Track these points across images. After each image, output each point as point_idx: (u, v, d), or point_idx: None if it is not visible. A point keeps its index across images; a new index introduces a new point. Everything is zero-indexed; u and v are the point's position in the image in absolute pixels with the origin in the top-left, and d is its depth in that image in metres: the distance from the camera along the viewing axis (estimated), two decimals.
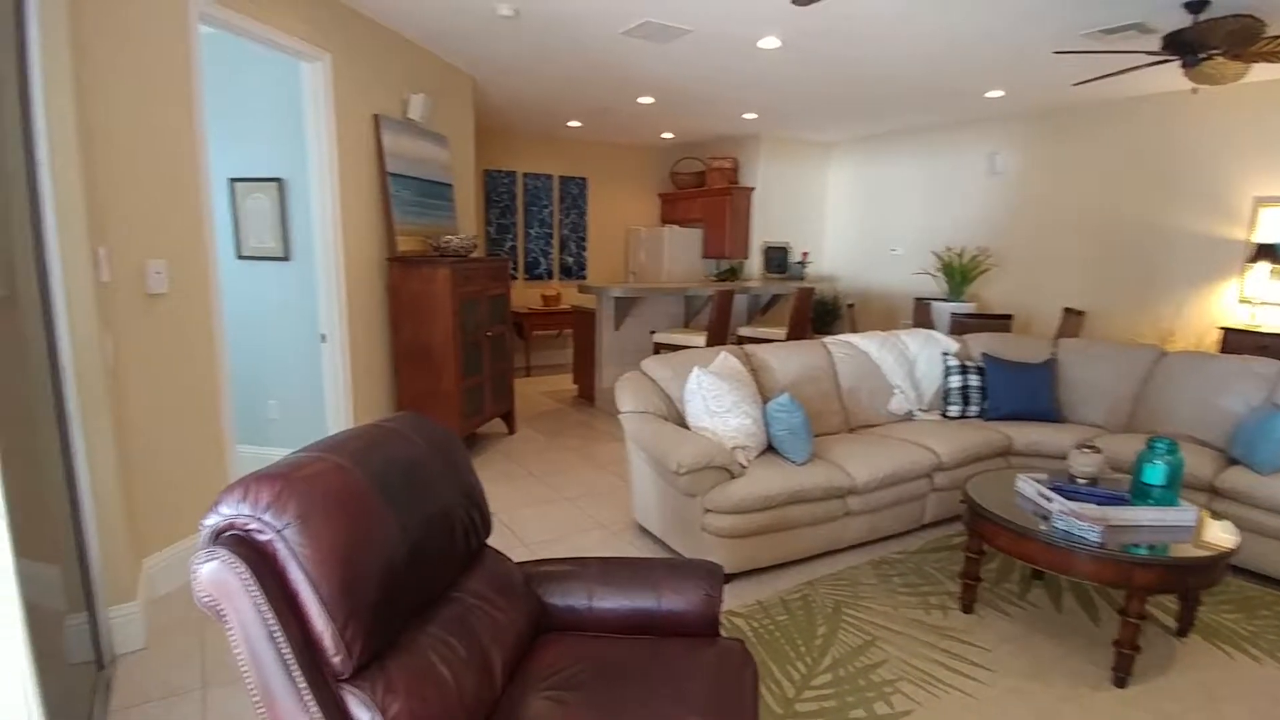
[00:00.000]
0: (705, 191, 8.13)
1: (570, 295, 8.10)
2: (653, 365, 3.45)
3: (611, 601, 1.80)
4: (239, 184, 3.92)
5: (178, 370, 2.84)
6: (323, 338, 3.85)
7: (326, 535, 1.21)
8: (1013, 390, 3.91)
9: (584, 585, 1.82)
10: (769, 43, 4.40)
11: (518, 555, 2.92)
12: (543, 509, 3.79)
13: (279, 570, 1.15)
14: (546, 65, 5.04)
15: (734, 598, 2.84)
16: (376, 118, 4.12)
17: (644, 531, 3.46)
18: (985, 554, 2.73)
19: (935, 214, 7.21)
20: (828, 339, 4.05)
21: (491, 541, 1.86)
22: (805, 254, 8.19)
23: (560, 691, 1.51)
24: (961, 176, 6.94)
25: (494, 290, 4.77)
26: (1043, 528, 2.40)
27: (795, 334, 5.96)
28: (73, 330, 2.19)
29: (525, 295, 8.01)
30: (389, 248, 4.27)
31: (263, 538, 1.15)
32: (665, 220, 8.87)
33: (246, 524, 1.16)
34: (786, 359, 3.70)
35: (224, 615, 1.13)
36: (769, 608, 2.77)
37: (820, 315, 7.98)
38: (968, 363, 4.05)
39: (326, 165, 3.67)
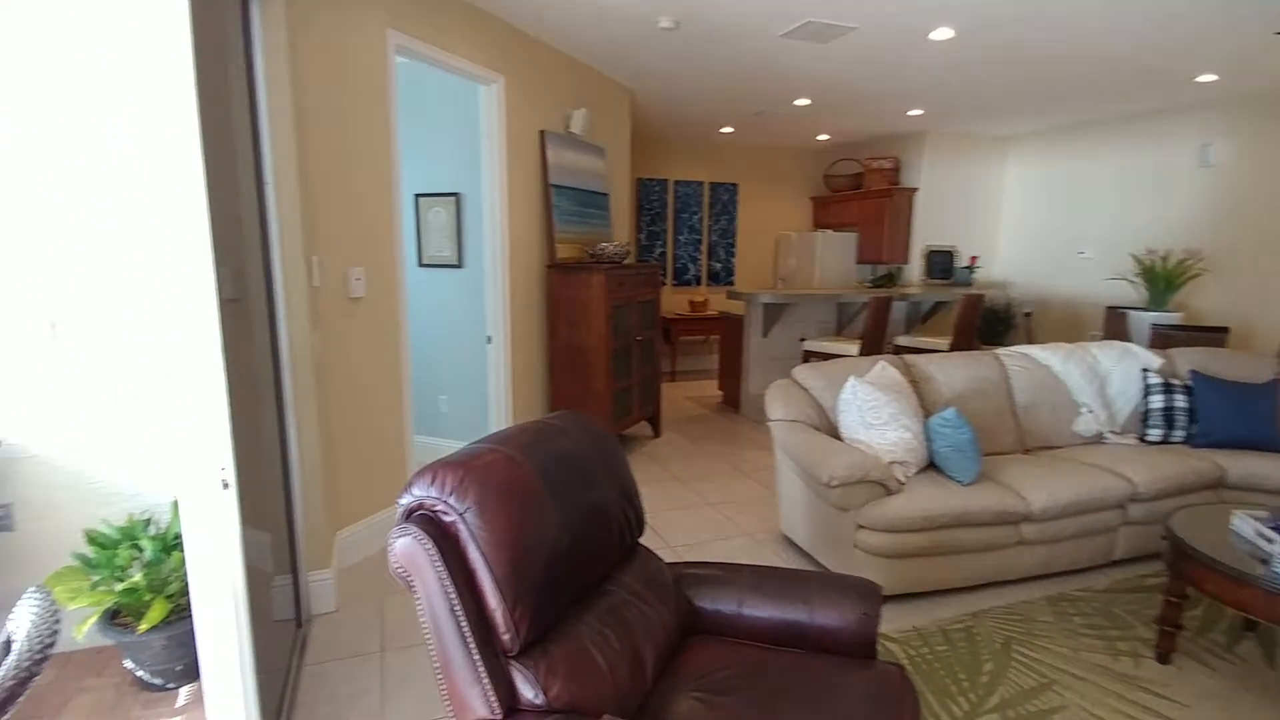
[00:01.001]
0: (862, 194, 7.82)
1: (717, 301, 8.11)
2: (804, 373, 3.36)
3: (762, 610, 1.78)
4: (422, 199, 4.32)
5: (370, 366, 3.18)
6: (488, 339, 4.15)
7: (500, 520, 1.31)
8: (1228, 414, 3.39)
9: (734, 591, 1.81)
10: (942, 34, 4.15)
11: (662, 557, 2.96)
12: (686, 513, 3.82)
13: (460, 549, 1.26)
14: (702, 73, 5.09)
15: (888, 621, 2.70)
16: (542, 133, 4.38)
17: (790, 543, 3.39)
18: (1189, 598, 2.39)
19: (1133, 212, 6.43)
20: (1001, 350, 3.74)
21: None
22: (974, 258, 7.62)
23: (709, 694, 1.52)
24: (1166, 170, 6.14)
25: (645, 296, 4.89)
26: (1261, 572, 2.06)
27: (960, 344, 5.56)
28: (290, 328, 2.52)
29: (673, 301, 8.12)
30: (549, 255, 4.51)
31: (447, 519, 1.26)
32: (817, 224, 8.64)
33: (434, 505, 1.27)
34: (952, 371, 3.46)
35: (413, 585, 1.25)
36: (927, 636, 2.60)
37: (989, 324, 7.39)
38: (1173, 381, 3.57)
39: (498, 180, 3.95)
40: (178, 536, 2.36)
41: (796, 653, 1.71)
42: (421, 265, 4.39)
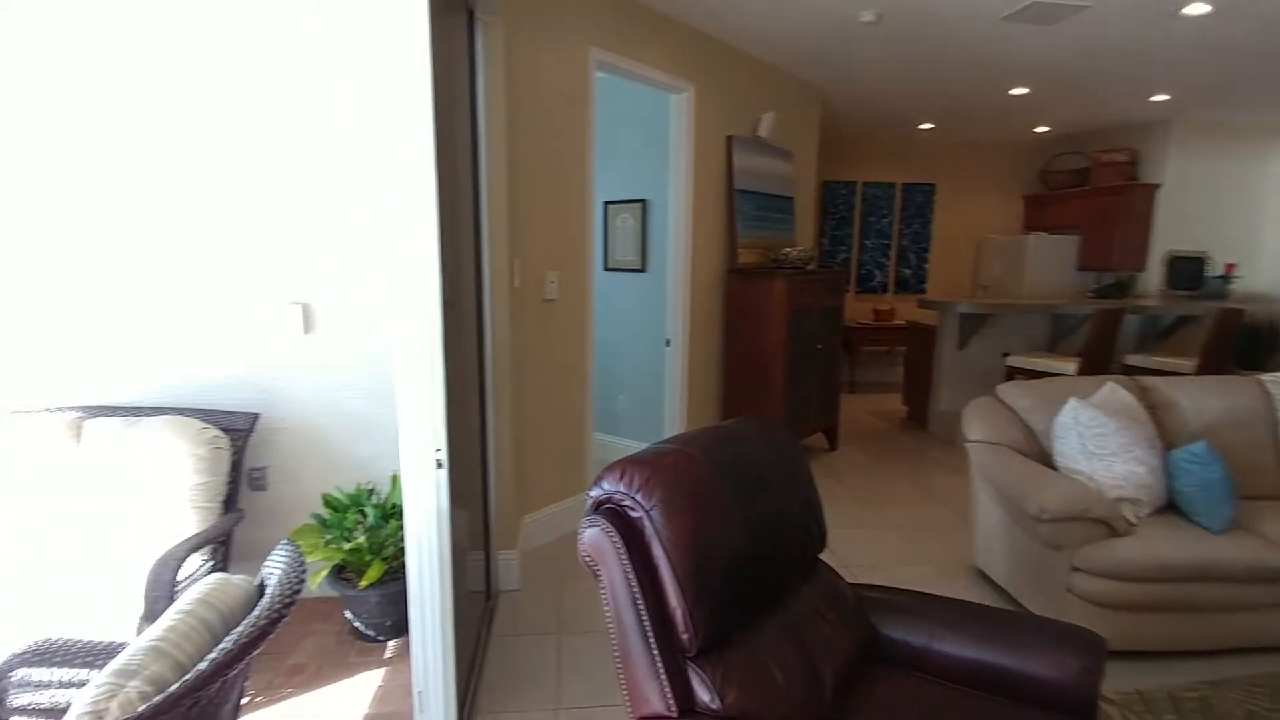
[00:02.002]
0: (1089, 191, 6.91)
1: (904, 310, 7.61)
2: (1012, 392, 3.04)
3: (956, 648, 1.63)
4: (611, 205, 4.50)
5: (558, 364, 3.37)
6: (667, 342, 4.22)
7: (683, 521, 1.31)
8: None
9: (924, 623, 1.68)
10: (1196, 9, 3.57)
11: None
12: (864, 533, 3.62)
13: (644, 545, 1.28)
14: (904, 67, 4.81)
15: (1105, 679, 2.35)
16: (729, 138, 4.38)
17: (983, 578, 3.08)
18: None
19: None
20: (1266, 376, 3.13)
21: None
22: (1230, 266, 6.46)
23: None
24: None
25: (827, 303, 4.71)
26: None
27: (1210, 367, 4.73)
28: (493, 326, 2.74)
29: (856, 309, 7.75)
30: (730, 260, 4.50)
31: (634, 514, 1.29)
32: (1029, 226, 7.80)
33: (622, 500, 1.31)
34: (1202, 397, 2.95)
35: (599, 575, 1.29)
36: (1153, 702, 2.23)
37: (1249, 345, 6.21)
38: None
39: (684, 186, 4.02)
40: (395, 506, 2.65)
41: (996, 700, 1.54)
42: (607, 269, 4.58)
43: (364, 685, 2.38)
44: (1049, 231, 7.15)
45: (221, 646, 1.12)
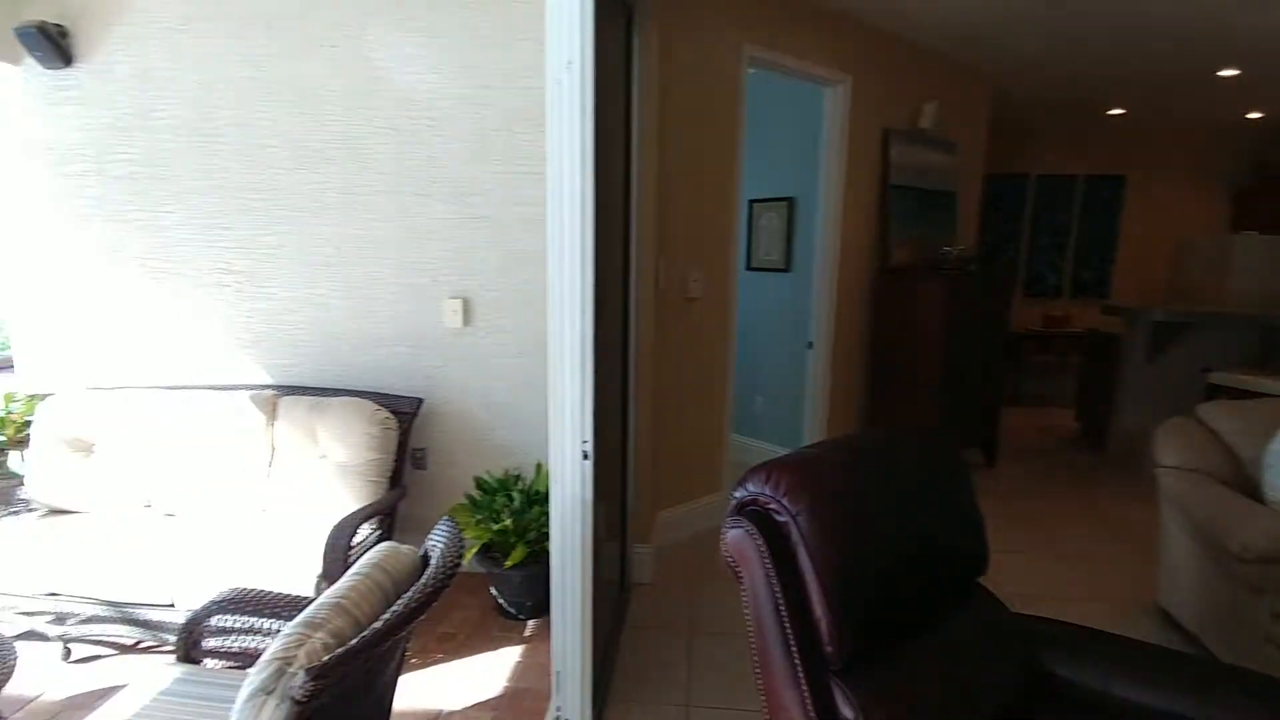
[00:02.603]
0: None
1: (1082, 317, 6.87)
2: (1215, 412, 2.66)
3: (1138, 694, 1.45)
4: (757, 204, 4.44)
5: (698, 362, 3.37)
6: (809, 345, 4.10)
7: (830, 529, 1.26)
8: None
9: (1100, 663, 1.50)
10: None
11: None
12: (1025, 560, 3.31)
13: (790, 551, 1.25)
14: (1089, 47, 4.34)
15: None
16: (886, 132, 4.17)
17: (1167, 619, 2.72)
18: None
19: None
20: None
21: None
22: None
23: None
24: None
25: (990, 307, 4.36)
26: None
27: None
28: (637, 323, 2.79)
29: (1023, 314, 7.11)
30: (882, 259, 4.28)
31: (780, 519, 1.26)
32: (1238, 225, 6.78)
33: (767, 503, 1.28)
34: None
35: (740, 576, 1.28)
36: None
37: None
38: None
39: (835, 182, 3.88)
40: (538, 493, 2.78)
41: None
42: (749, 269, 4.52)
43: (505, 659, 2.51)
44: (1262, 231, 6.17)
45: (393, 609, 1.22)
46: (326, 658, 1.09)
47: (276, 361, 3.13)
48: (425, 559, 1.53)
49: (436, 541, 1.51)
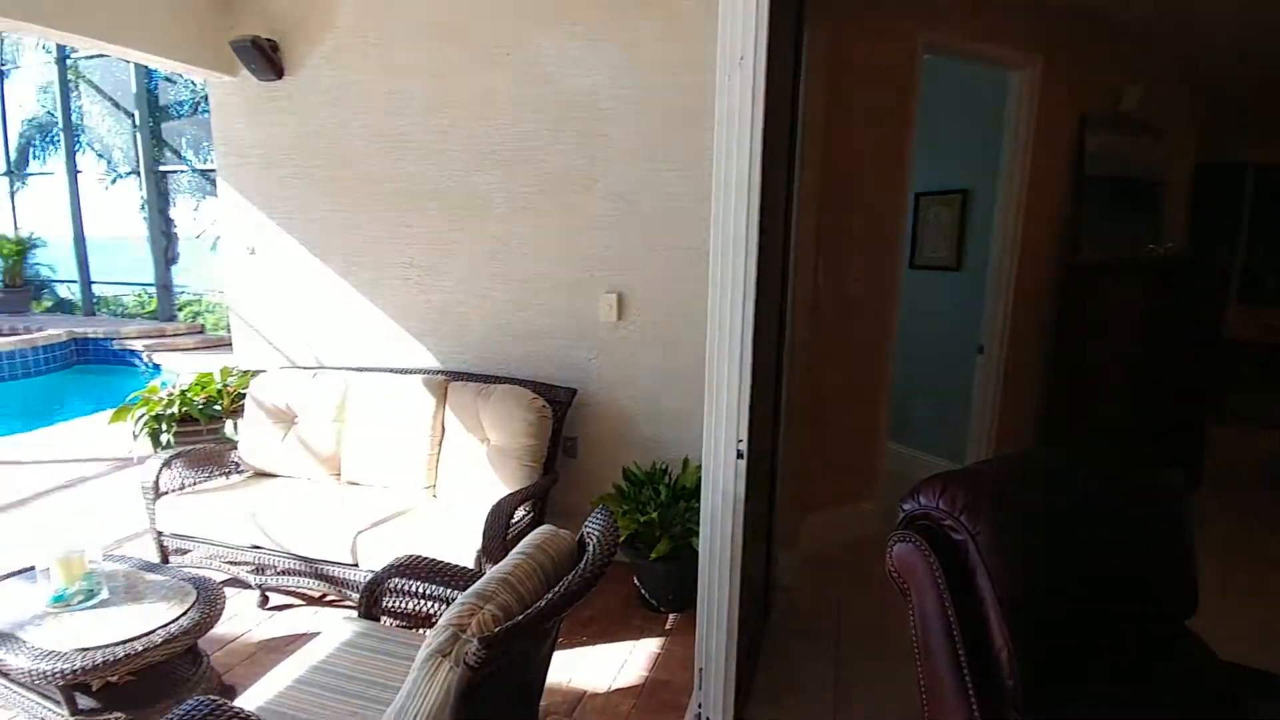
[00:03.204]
0: None
1: None
2: None
3: None
4: (923, 198, 4.16)
5: (854, 363, 3.22)
6: (979, 349, 3.78)
7: (1013, 552, 1.15)
8: None
9: None
10: None
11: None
12: (1240, 603, 2.85)
13: (966, 572, 1.15)
14: None
15: None
16: (1081, 118, 3.75)
17: None
18: None
19: None
20: None
21: None
22: None
23: None
24: None
25: (1197, 314, 3.81)
26: None
27: None
28: (793, 321, 2.71)
29: (1238, 323, 6.13)
30: (1069, 257, 3.86)
31: (955, 536, 1.17)
32: None
33: (942, 519, 1.19)
34: None
35: (907, 594, 1.20)
36: None
37: None
38: None
39: (1018, 174, 3.55)
40: (684, 488, 2.79)
41: None
42: (913, 267, 4.25)
43: (645, 649, 2.55)
44: None
45: (555, 590, 1.27)
46: (496, 629, 1.15)
47: (446, 349, 3.38)
48: (581, 544, 1.57)
49: (593, 529, 1.55)
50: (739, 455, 1.65)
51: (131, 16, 3.05)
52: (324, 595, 2.79)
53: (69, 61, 9.36)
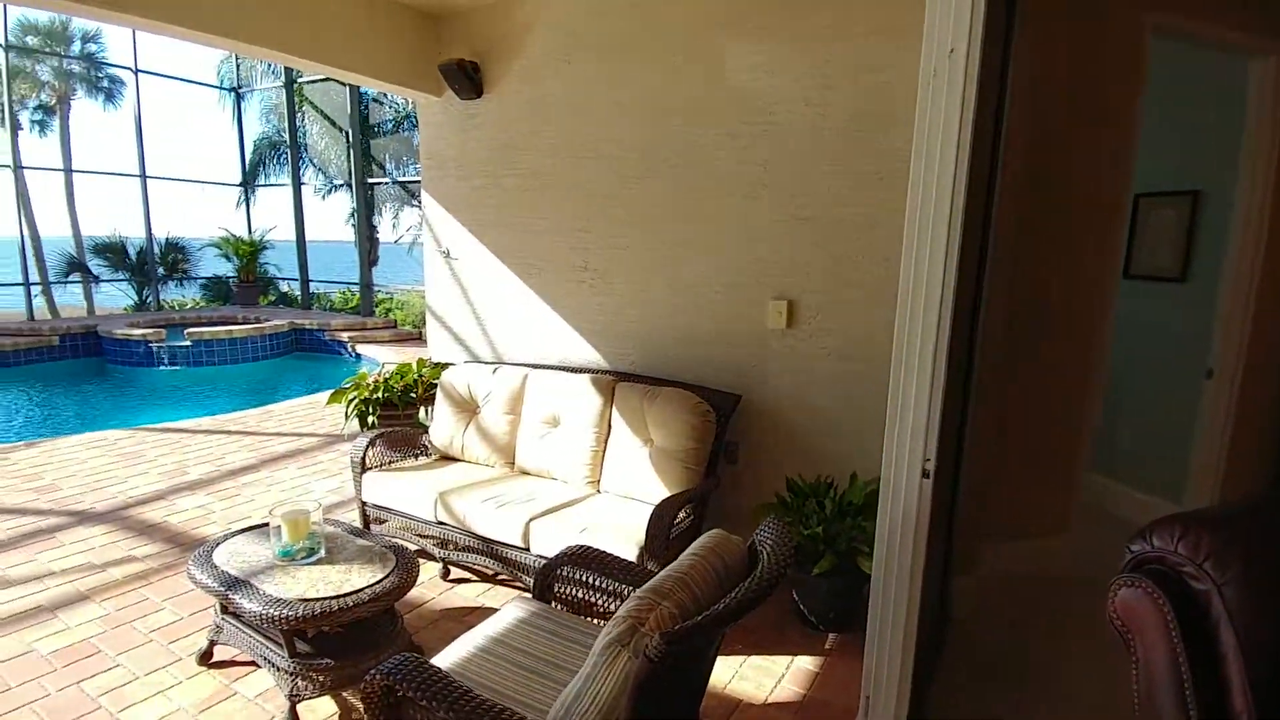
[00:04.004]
0: None
1: None
2: None
3: None
4: (1143, 199, 3.69)
5: (1053, 382, 2.93)
6: (1209, 373, 3.28)
7: (1268, 610, 0.99)
8: None
9: None
10: None
11: None
12: None
13: (1207, 627, 1.01)
14: None
15: None
16: None
17: None
18: None
19: None
20: None
21: None
22: None
23: None
24: None
25: None
26: None
27: None
28: (984, 332, 2.51)
29: None
30: None
31: (1198, 586, 1.02)
32: None
33: (1180, 565, 1.05)
34: None
35: (1131, 645, 1.06)
36: None
37: None
38: None
39: (1262, 173, 3.04)
40: (851, 504, 2.68)
41: None
42: (1127, 277, 3.77)
43: (803, 667, 2.48)
44: None
45: (731, 595, 1.27)
46: (677, 626, 1.17)
47: (614, 349, 3.50)
48: (752, 552, 1.56)
49: (765, 538, 1.54)
50: (925, 475, 1.55)
51: (359, 45, 3.46)
52: (496, 574, 3.00)
53: (294, 85, 10.84)
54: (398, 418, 3.82)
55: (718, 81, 3.02)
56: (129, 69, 10.71)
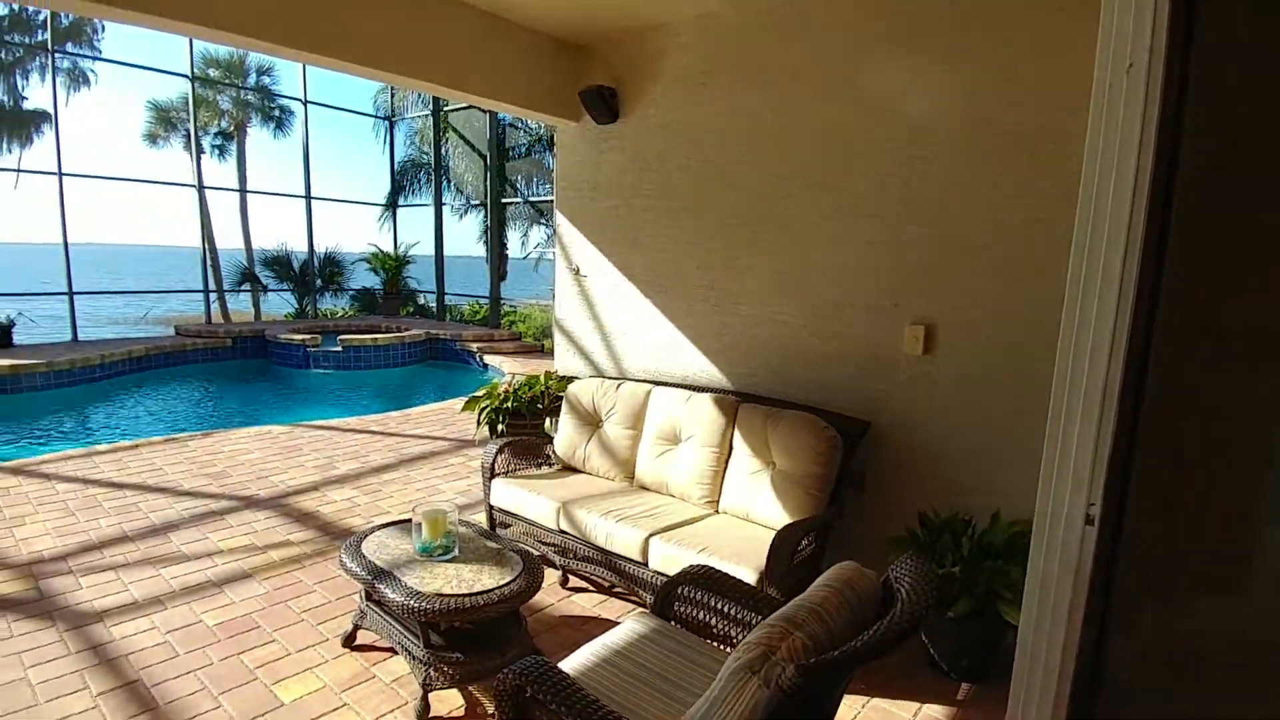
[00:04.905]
0: None
1: None
2: None
3: None
4: None
5: (1237, 421, 2.60)
6: None
7: None
8: None
9: None
10: None
11: None
12: None
13: None
14: None
15: None
16: None
17: None
18: None
19: None
20: None
21: None
22: None
23: None
24: None
25: None
26: None
27: None
28: (1155, 366, 2.28)
29: None
30: None
31: None
32: None
33: None
34: None
35: None
36: None
37: None
38: None
39: None
40: (991, 545, 2.50)
41: None
42: None
43: (933, 717, 2.32)
44: None
45: (871, 633, 1.22)
46: (811, 660, 1.14)
47: (737, 369, 3.48)
48: (886, 588, 1.49)
49: (902, 574, 1.46)
50: (1088, 521, 1.42)
51: (507, 75, 3.68)
52: (612, 585, 3.03)
53: (440, 113, 11.66)
54: (524, 427, 3.98)
55: (852, 99, 2.95)
56: (298, 99, 11.94)
